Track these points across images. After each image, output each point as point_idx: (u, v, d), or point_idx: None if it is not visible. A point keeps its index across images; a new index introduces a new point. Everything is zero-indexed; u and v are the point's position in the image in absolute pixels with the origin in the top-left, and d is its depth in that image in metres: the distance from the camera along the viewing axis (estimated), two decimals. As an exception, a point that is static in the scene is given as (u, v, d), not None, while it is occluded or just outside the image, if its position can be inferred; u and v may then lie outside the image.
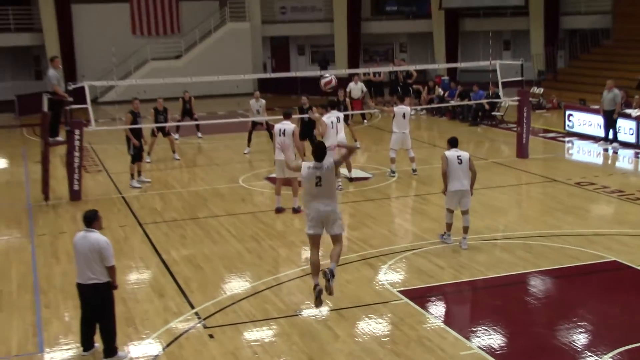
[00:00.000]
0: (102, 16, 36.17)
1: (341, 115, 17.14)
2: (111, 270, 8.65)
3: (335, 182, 9.94)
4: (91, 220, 8.78)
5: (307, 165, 9.75)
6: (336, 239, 9.81)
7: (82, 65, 35.31)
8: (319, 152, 9.74)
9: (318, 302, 9.55)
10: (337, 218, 9.72)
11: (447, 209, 12.51)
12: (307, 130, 19.18)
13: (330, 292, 9.55)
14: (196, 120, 23.69)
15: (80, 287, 8.74)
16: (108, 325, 8.79)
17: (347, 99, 22.92)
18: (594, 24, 33.98)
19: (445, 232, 12.69)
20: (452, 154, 12.30)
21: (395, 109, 17.80)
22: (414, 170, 17.95)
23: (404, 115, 17.66)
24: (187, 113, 23.72)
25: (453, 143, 12.53)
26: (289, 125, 14.76)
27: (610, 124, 20.94)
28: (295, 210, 14.81)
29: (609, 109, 20.78)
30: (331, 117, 16.23)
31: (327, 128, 16.03)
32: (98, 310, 8.72)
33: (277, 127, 14.87)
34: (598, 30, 33.74)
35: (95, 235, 8.65)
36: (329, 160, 9.76)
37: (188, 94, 23.65)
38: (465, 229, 12.44)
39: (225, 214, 15.18)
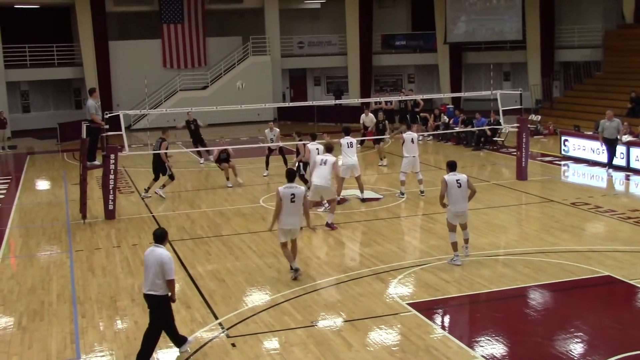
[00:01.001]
0: (136, 51, 36.51)
1: (354, 140, 17.35)
2: (170, 283, 8.62)
3: (303, 202, 11.51)
4: (161, 238, 8.83)
5: (283, 187, 11.48)
6: (294, 242, 11.79)
7: (117, 95, 35.58)
8: (290, 175, 11.65)
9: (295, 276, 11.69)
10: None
11: (450, 226, 12.39)
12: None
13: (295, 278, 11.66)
14: (205, 145, 23.47)
15: (144, 296, 8.81)
16: (153, 333, 8.76)
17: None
18: (586, 57, 33.91)
19: (454, 255, 12.36)
20: (451, 178, 12.21)
21: (405, 135, 17.82)
22: (422, 192, 17.88)
23: (412, 141, 17.70)
24: (195, 136, 23.12)
25: (452, 167, 12.43)
26: (330, 157, 14.96)
27: (612, 150, 20.53)
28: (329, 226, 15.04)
29: (612, 137, 20.36)
30: (315, 145, 16.47)
31: (309, 154, 16.35)
32: (152, 319, 8.73)
33: (320, 157, 15.16)
34: (590, 62, 33.65)
35: (161, 250, 8.69)
36: (300, 189, 11.52)
37: (191, 114, 23.21)
38: (466, 240, 12.62)
39: (247, 231, 15.16)
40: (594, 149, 21.93)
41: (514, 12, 35.74)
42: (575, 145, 23.00)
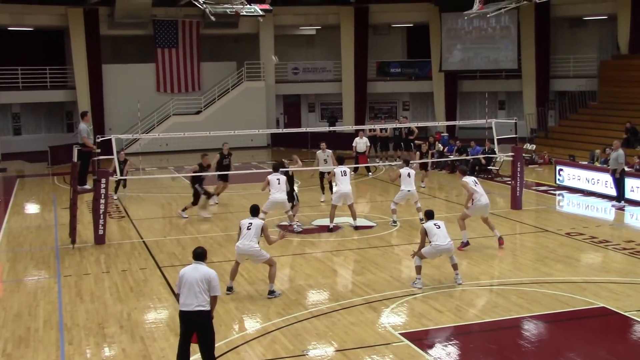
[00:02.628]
0: (130, 75, 36.64)
1: (347, 169, 17.52)
2: (215, 299, 8.96)
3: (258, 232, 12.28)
4: (203, 255, 9.20)
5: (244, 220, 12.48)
6: (268, 262, 12.35)
7: (109, 119, 35.64)
8: (253, 210, 12.63)
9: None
10: (258, 252, 12.24)
11: (422, 257, 12.70)
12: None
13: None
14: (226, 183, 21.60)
15: (185, 314, 8.82)
16: (210, 347, 8.86)
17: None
18: (581, 87, 34.19)
19: (417, 278, 12.68)
20: (429, 224, 12.69)
21: (401, 170, 17.89)
22: (421, 220, 17.90)
23: (408, 175, 17.73)
24: (223, 170, 20.80)
25: (430, 215, 12.99)
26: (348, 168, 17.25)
27: (617, 182, 20.55)
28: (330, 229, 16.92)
29: (614, 168, 20.45)
30: (277, 176, 16.77)
31: (267, 185, 16.76)
32: (202, 334, 8.81)
33: (339, 169, 17.47)
34: (585, 92, 33.92)
35: (206, 267, 9.04)
36: (258, 221, 12.40)
37: (227, 146, 20.98)
38: (455, 266, 12.79)
39: (238, 258, 15.09)
40: (589, 179, 22.02)
41: (509, 41, 36.15)
42: (570, 175, 23.10)
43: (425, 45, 38.60)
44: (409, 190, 17.68)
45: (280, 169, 17.31)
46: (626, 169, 20.99)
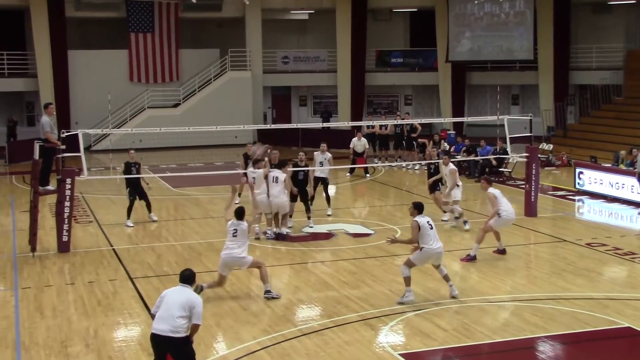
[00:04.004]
0: (99, 62, 36.57)
1: (280, 175, 17.18)
2: (196, 328, 8.99)
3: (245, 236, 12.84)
4: (191, 279, 9.23)
5: (231, 222, 12.91)
6: (255, 265, 13.05)
7: (76, 112, 35.57)
8: (238, 213, 12.89)
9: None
10: (241, 260, 12.83)
11: (411, 265, 12.69)
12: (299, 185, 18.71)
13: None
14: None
15: (156, 337, 8.85)
16: None
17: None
18: (605, 80, 34.30)
19: (407, 291, 12.67)
20: (423, 221, 12.64)
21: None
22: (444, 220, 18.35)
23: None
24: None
25: (420, 208, 12.81)
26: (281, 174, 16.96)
27: None
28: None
29: None
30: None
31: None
32: (179, 358, 8.88)
33: (272, 174, 17.10)
34: (609, 86, 34.02)
35: (192, 292, 9.10)
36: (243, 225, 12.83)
37: (252, 146, 20.35)
38: (446, 277, 12.89)
39: (219, 269, 15.07)
40: (613, 183, 22.09)
41: (524, 29, 36.18)
42: (591, 179, 23.15)
43: (430, 33, 38.68)
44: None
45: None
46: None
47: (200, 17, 38.13)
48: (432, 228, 12.65)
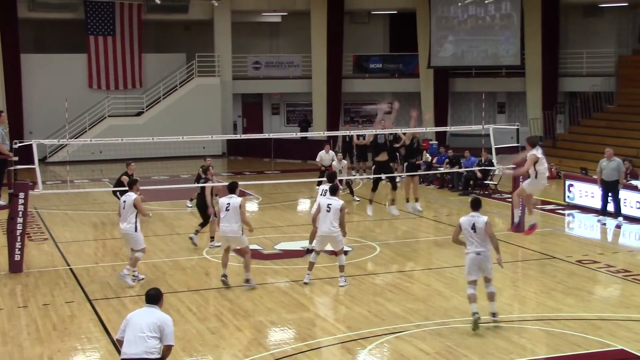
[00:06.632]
0: (56, 67, 36.41)
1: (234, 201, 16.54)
2: (169, 350, 8.96)
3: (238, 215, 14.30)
4: (157, 298, 9.23)
5: (223, 198, 14.65)
6: (240, 252, 14.84)
7: (30, 120, 35.36)
8: (231, 187, 14.69)
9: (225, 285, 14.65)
10: (239, 238, 14.52)
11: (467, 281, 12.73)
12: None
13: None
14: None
15: None
16: None
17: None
18: (596, 87, 34.59)
19: (473, 313, 12.46)
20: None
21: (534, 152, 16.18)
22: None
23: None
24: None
25: (477, 205, 13.04)
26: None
27: (613, 195, 20.98)
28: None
29: (611, 180, 20.78)
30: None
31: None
32: None
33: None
34: (600, 93, 34.31)
35: (160, 312, 9.06)
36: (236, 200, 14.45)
37: (209, 161, 20.74)
38: (492, 296, 12.69)
39: (186, 289, 15.02)
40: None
41: (511, 33, 36.49)
42: (582, 192, 23.34)
43: (411, 37, 38.91)
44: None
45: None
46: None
47: (165, 19, 38.14)
48: (475, 232, 12.92)
